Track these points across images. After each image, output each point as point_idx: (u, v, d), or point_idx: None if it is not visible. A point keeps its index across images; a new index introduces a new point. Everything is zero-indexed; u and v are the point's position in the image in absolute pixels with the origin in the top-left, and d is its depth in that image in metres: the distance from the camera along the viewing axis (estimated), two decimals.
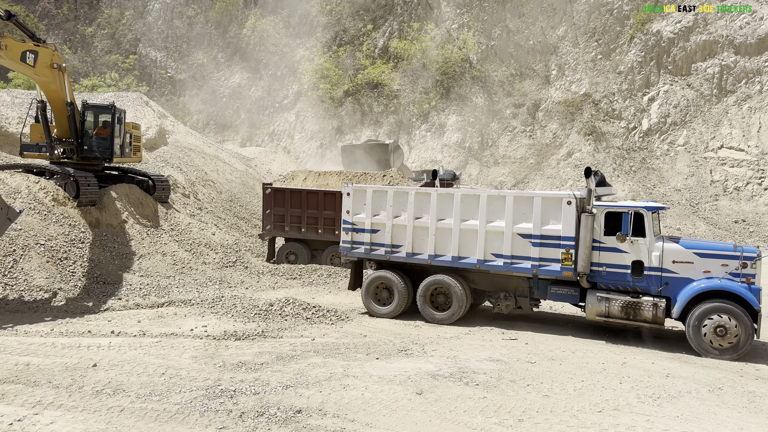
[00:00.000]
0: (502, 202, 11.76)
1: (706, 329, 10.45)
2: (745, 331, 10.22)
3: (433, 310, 12.49)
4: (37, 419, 7.01)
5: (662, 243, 10.96)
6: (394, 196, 12.73)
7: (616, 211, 11.20)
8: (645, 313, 10.89)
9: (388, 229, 12.76)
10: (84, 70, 52.46)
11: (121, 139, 18.75)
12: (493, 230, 11.81)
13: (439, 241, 12.32)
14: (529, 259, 11.54)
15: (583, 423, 7.45)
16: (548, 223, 11.40)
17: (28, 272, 13.32)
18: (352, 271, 13.76)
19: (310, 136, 46.95)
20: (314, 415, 7.40)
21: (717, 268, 10.59)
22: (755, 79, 35.79)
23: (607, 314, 11.17)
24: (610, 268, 11.18)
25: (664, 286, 10.88)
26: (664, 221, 31.63)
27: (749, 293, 10.22)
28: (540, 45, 42.64)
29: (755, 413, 8.06)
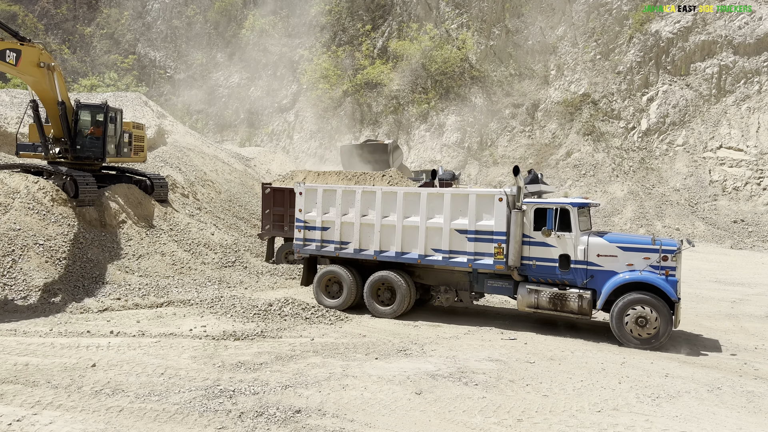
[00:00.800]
0: (440, 199, 12.22)
1: (627, 320, 10.90)
2: (664, 321, 10.67)
3: (379, 305, 12.89)
4: (36, 419, 7.01)
5: (587, 237, 11.36)
6: (342, 194, 13.21)
7: (543, 207, 11.62)
8: (571, 304, 11.33)
9: (337, 226, 13.22)
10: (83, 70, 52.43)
11: (117, 139, 18.64)
12: (433, 226, 12.27)
13: (384, 237, 12.77)
14: (465, 253, 12.02)
15: (582, 423, 7.45)
16: (482, 219, 11.87)
17: (27, 272, 13.31)
18: (305, 267, 14.16)
19: (309, 136, 46.94)
20: (313, 415, 7.40)
21: (639, 261, 11.00)
22: (754, 79, 35.82)
23: (537, 306, 11.62)
24: (539, 261, 11.63)
25: (589, 278, 11.29)
26: (662, 221, 31.64)
27: (667, 285, 10.67)
28: (539, 45, 42.66)
29: (754, 413, 8.06)
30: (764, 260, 24.98)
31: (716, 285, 18.73)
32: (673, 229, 30.89)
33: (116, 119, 18.62)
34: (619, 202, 33.59)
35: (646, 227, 31.19)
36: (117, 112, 18.78)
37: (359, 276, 13.24)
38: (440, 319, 12.95)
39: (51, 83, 16.29)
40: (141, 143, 20.61)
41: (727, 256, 25.86)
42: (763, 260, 24.95)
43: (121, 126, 18.90)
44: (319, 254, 13.60)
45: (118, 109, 19.03)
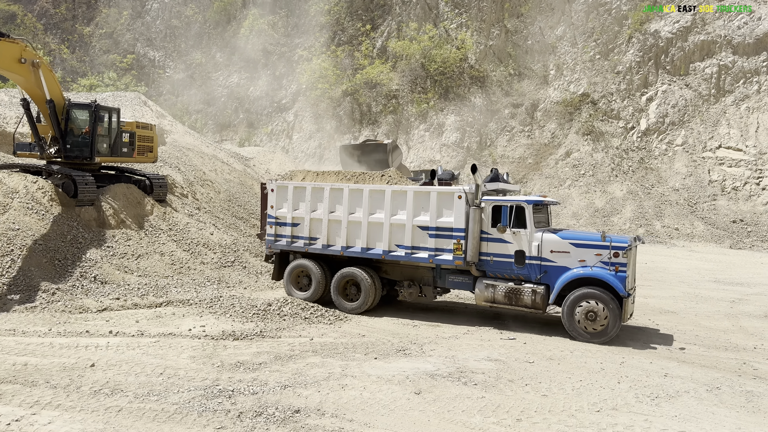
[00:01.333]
0: (404, 196, 12.54)
1: (578, 314, 11.19)
2: (612, 315, 10.93)
3: (345, 300, 13.19)
4: (35, 419, 7.00)
5: (541, 234, 11.66)
6: (311, 191, 13.55)
7: (500, 204, 11.92)
8: (525, 298, 11.63)
9: (306, 222, 13.58)
10: (82, 70, 52.40)
11: (111, 138, 18.31)
12: (397, 223, 12.59)
13: (350, 233, 13.10)
14: (427, 249, 12.33)
15: (582, 423, 7.45)
16: (442, 215, 12.19)
17: (26, 272, 13.30)
18: (276, 262, 14.37)
19: (308, 135, 46.93)
20: (312, 415, 7.40)
21: (591, 257, 11.25)
22: (753, 79, 35.84)
23: (493, 300, 11.93)
24: (496, 257, 11.94)
25: (543, 273, 11.60)
26: (661, 221, 31.65)
27: (616, 280, 10.92)
28: (538, 45, 42.66)
29: (753, 413, 8.07)
30: (763, 260, 24.99)
31: (715, 285, 18.74)
32: (672, 229, 30.90)
33: (108, 118, 18.25)
34: (619, 202, 33.60)
35: (646, 227, 31.20)
36: (112, 112, 18.49)
37: (328, 270, 13.52)
38: (439, 319, 12.96)
39: (37, 80, 16.02)
40: (149, 143, 20.22)
41: (726, 256, 25.88)
42: (762, 260, 24.97)
43: (118, 125, 18.69)
44: (289, 249, 13.89)
45: (113, 108, 18.75)
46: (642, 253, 26.13)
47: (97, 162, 18.19)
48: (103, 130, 18.17)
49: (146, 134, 20.33)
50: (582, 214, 33.17)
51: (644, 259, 24.10)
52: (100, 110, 17.86)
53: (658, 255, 25.56)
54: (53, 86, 16.84)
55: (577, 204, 34.47)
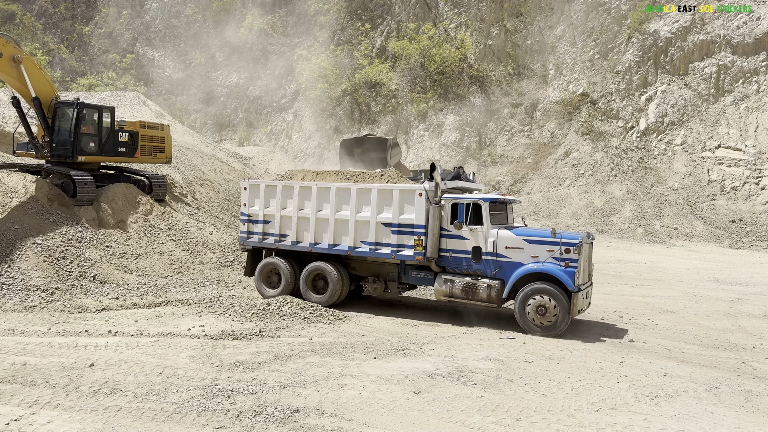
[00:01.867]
0: (368, 194, 12.85)
1: (529, 308, 11.50)
2: (562, 310, 11.22)
3: (314, 293, 13.47)
4: (34, 419, 7.00)
5: (497, 231, 11.97)
6: (282, 189, 13.89)
7: (458, 202, 12.26)
8: (481, 293, 11.94)
9: (276, 219, 13.89)
10: (81, 69, 52.36)
11: (102, 137, 17.95)
12: (361, 219, 12.90)
13: (318, 230, 13.43)
14: (389, 245, 12.62)
15: (581, 422, 7.46)
16: (404, 213, 12.49)
17: (25, 272, 13.29)
18: (248, 258, 14.71)
19: (308, 135, 46.92)
20: (312, 415, 7.40)
21: (544, 253, 11.55)
22: (752, 78, 35.86)
23: (451, 295, 12.23)
24: (455, 253, 12.27)
25: (498, 269, 11.92)
26: (661, 221, 31.66)
27: (565, 275, 11.20)
28: (538, 45, 42.66)
29: (752, 412, 8.07)
30: (762, 260, 25.01)
31: (714, 284, 18.75)
32: (671, 229, 30.92)
33: (99, 117, 17.92)
34: (618, 202, 33.61)
35: (645, 227, 31.22)
36: (103, 110, 18.16)
37: (297, 267, 13.80)
38: (439, 319, 12.96)
39: (20, 77, 15.86)
40: (159, 144, 19.93)
41: (726, 256, 25.89)
42: (761, 260, 24.98)
43: (111, 124, 18.32)
44: (261, 246, 14.24)
45: (105, 107, 18.45)
46: (641, 252, 26.15)
47: (80, 161, 17.59)
48: (90, 128, 17.74)
49: (155, 134, 19.96)
50: (581, 214, 33.19)
51: (643, 258, 24.12)
52: (85, 108, 17.48)
53: (658, 255, 25.57)
54: (40, 83, 16.58)
55: (577, 204, 34.48)
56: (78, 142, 17.37)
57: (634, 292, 17.06)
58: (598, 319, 13.57)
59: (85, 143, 17.70)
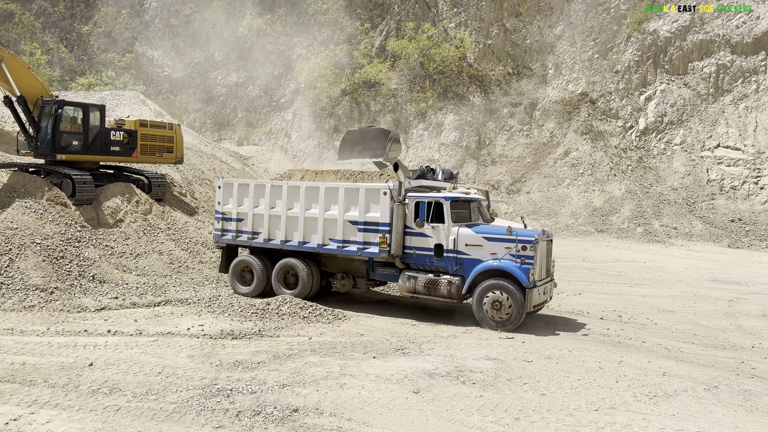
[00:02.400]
0: (336, 192, 13.18)
1: (485, 304, 11.83)
2: (516, 305, 11.55)
3: (285, 288, 13.82)
4: (33, 418, 7.00)
5: (458, 229, 12.27)
6: (254, 188, 14.23)
7: (420, 200, 12.58)
8: (442, 289, 12.24)
9: (249, 217, 14.24)
10: (80, 69, 52.32)
11: (87, 136, 17.70)
12: (330, 218, 13.23)
13: (289, 227, 13.76)
14: (356, 243, 12.94)
15: (580, 422, 7.46)
16: (370, 211, 12.80)
17: (24, 271, 13.28)
18: (223, 255, 15.09)
19: (307, 134, 46.90)
20: (311, 414, 7.40)
21: (501, 250, 11.89)
22: (752, 78, 35.87)
23: (414, 291, 12.56)
24: (418, 250, 12.62)
25: (459, 266, 12.26)
26: (660, 220, 31.67)
27: (520, 272, 11.52)
28: (537, 44, 42.65)
29: (751, 412, 8.08)
30: (761, 259, 25.02)
31: (713, 284, 18.77)
32: (670, 228, 30.93)
33: (84, 115, 17.74)
34: (617, 201, 33.62)
35: (644, 226, 31.23)
36: (89, 108, 17.96)
37: (270, 264, 14.13)
38: (438, 319, 12.97)
39: (2, 75, 15.82)
40: (167, 144, 19.73)
41: (725, 255, 25.91)
42: (760, 259, 25.00)
43: (101, 123, 18.11)
44: (234, 243, 14.60)
45: (92, 105, 18.23)
46: (640, 252, 26.16)
47: (61, 159, 17.43)
48: (73, 126, 17.59)
49: (160, 134, 19.75)
50: (580, 213, 33.21)
51: (643, 258, 24.13)
52: (65, 106, 17.33)
53: (657, 254, 25.58)
54: (25, 81, 16.50)
55: (576, 203, 34.49)
56: (57, 140, 17.20)
57: (633, 291, 17.07)
58: (598, 318, 13.58)
59: (67, 141, 17.49)
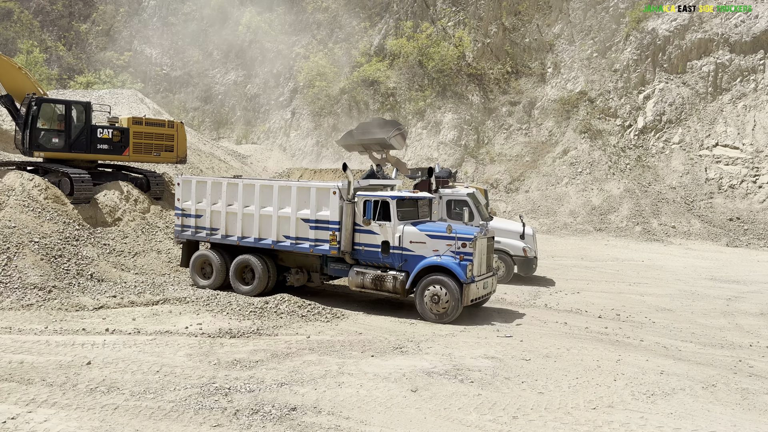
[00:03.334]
0: (289, 191, 13.59)
1: (426, 298, 12.34)
2: (453, 299, 12.09)
3: (242, 284, 14.18)
4: (31, 417, 7.00)
5: (403, 226, 12.79)
6: (212, 185, 14.60)
7: (368, 199, 13.04)
8: (388, 284, 12.73)
9: (207, 214, 14.61)
10: (79, 67, 52.24)
11: (71, 133, 17.55)
12: (283, 215, 13.62)
13: (245, 224, 14.14)
14: (308, 240, 13.39)
15: (578, 420, 7.47)
16: (321, 209, 13.23)
17: (22, 270, 13.27)
18: (183, 250, 15.44)
19: (306, 133, 46.88)
20: (309, 413, 7.40)
21: (443, 247, 12.43)
22: (750, 77, 35.88)
23: (362, 285, 13.04)
24: (367, 247, 13.06)
25: (404, 262, 12.76)
26: (658, 219, 31.69)
27: (458, 268, 12.08)
28: (536, 43, 42.66)
29: (748, 410, 8.09)
30: (759, 258, 25.05)
31: (711, 283, 18.79)
32: (669, 227, 30.96)
33: (66, 112, 17.55)
34: (616, 200, 33.64)
35: (642, 225, 31.25)
36: (71, 106, 17.78)
37: (229, 258, 14.48)
38: None
39: None
40: (167, 142, 19.55)
41: (723, 254, 25.94)
42: (758, 258, 25.03)
43: (86, 120, 17.92)
44: (194, 239, 15.00)
45: (75, 102, 18.08)
46: (639, 250, 26.17)
47: (39, 157, 17.40)
48: (53, 123, 17.44)
49: (158, 131, 19.52)
50: (579, 212, 33.23)
51: (641, 256, 24.15)
52: (42, 103, 17.21)
53: (655, 253, 25.61)
54: (12, 80, 16.46)
55: (575, 202, 34.50)
56: (33, 137, 17.10)
57: (632, 290, 17.09)
58: (596, 316, 13.60)
59: (45, 139, 17.37)
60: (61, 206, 16.22)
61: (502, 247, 17.13)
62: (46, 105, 17.45)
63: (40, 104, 17.15)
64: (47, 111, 17.47)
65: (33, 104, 17.07)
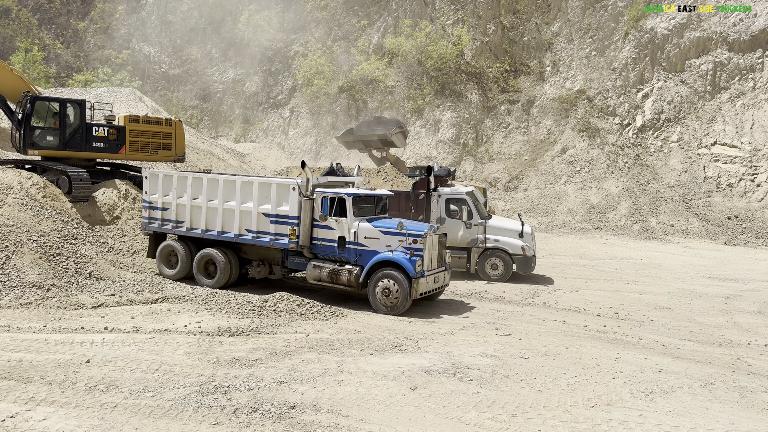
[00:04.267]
0: (251, 186, 13.95)
1: (378, 291, 12.81)
2: (403, 292, 12.56)
3: (205, 277, 14.60)
4: (30, 415, 6.99)
5: (358, 222, 13.22)
6: (177, 179, 14.95)
7: (326, 196, 13.40)
8: (343, 278, 13.17)
9: (173, 207, 15.01)
10: (77, 65, 52.13)
11: (65, 132, 17.46)
12: (245, 210, 14.03)
13: (209, 218, 14.53)
14: (269, 234, 13.78)
15: (576, 418, 7.48)
16: (281, 205, 13.63)
17: (21, 268, 13.25)
18: (150, 242, 15.77)
19: (304, 132, 46.85)
20: (308, 411, 7.41)
21: (395, 242, 12.93)
22: (748, 75, 35.91)
23: (319, 279, 13.48)
24: (324, 242, 13.51)
25: (359, 256, 13.22)
26: (657, 217, 31.72)
27: (407, 263, 12.56)
28: (535, 41, 42.65)
29: (747, 408, 8.11)
30: (758, 256, 25.09)
31: (710, 281, 18.82)
32: (667, 225, 30.99)
33: (61, 111, 17.48)
34: (614, 199, 33.67)
35: (641, 223, 31.28)
36: (66, 104, 17.71)
37: (195, 249, 14.88)
38: (435, 315, 12.99)
39: None
40: (165, 141, 19.45)
41: (721, 252, 25.97)
42: (756, 256, 25.07)
43: (81, 119, 17.82)
44: (160, 231, 15.40)
45: (69, 100, 18.04)
46: (637, 249, 26.21)
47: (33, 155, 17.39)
48: (48, 122, 17.43)
49: (155, 130, 19.40)
50: (578, 211, 33.25)
51: (639, 255, 24.18)
52: (37, 101, 17.18)
53: (653, 251, 25.64)
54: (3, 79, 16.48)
55: (573, 200, 34.52)
56: (28, 136, 17.07)
57: (630, 288, 17.11)
58: (594, 315, 13.61)
59: (40, 137, 17.32)
60: (59, 204, 16.20)
61: (500, 245, 17.15)
62: (41, 103, 17.38)
63: (34, 102, 17.08)
64: (42, 109, 17.38)
65: (27, 102, 17.02)
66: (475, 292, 15.52)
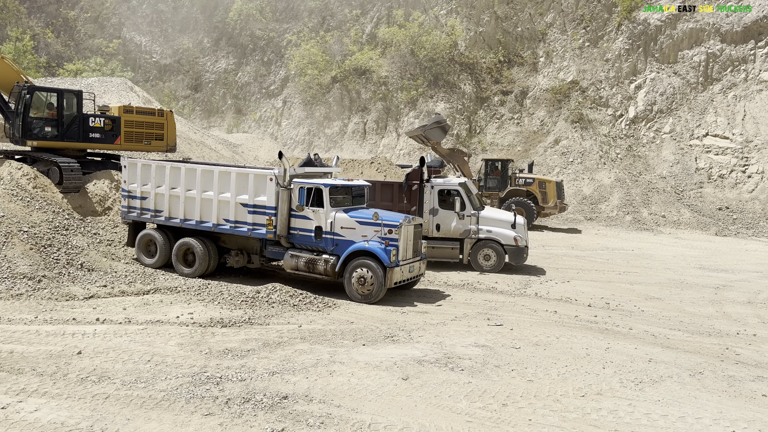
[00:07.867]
0: (228, 176, 13.99)
1: (353, 280, 12.99)
2: (377, 281, 12.74)
3: (184, 266, 14.59)
4: (21, 407, 6.98)
5: (335, 213, 13.34)
6: (156, 169, 14.91)
7: (303, 186, 13.49)
8: (320, 267, 13.29)
9: (152, 196, 14.99)
10: (68, 55, 51.64)
11: (63, 122, 17.41)
12: (223, 200, 14.08)
13: (187, 207, 14.54)
14: (246, 224, 13.85)
15: (567, 407, 7.55)
16: (259, 195, 13.67)
17: (11, 259, 13.18)
18: (129, 230, 15.77)
19: (297, 122, 46.68)
20: (300, 401, 7.44)
21: (371, 233, 13.06)
22: (741, 67, 36.02)
23: (296, 268, 13.60)
24: (302, 232, 13.63)
25: (335, 246, 13.34)
26: (648, 208, 31.89)
27: (382, 252, 12.72)
28: (528, 32, 42.58)
29: (735, 397, 8.21)
30: (748, 247, 25.29)
31: (700, 271, 18.96)
32: (659, 216, 31.16)
33: (59, 101, 17.42)
34: (606, 190, 33.80)
35: (633, 214, 31.44)
36: (63, 95, 17.65)
37: (174, 238, 14.87)
38: (428, 306, 13.03)
39: None
40: (157, 131, 19.42)
41: (712, 243, 26.16)
42: (746, 247, 25.27)
43: (78, 109, 17.81)
44: (139, 220, 15.39)
45: (67, 91, 17.94)
46: (629, 240, 26.35)
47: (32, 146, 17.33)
48: (45, 112, 17.36)
49: (148, 120, 19.37)
50: (570, 202, 33.36)
51: (631, 246, 24.32)
52: (36, 91, 17.09)
53: (645, 242, 25.79)
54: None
55: (566, 191, 34.65)
56: (27, 126, 16.98)
57: (621, 279, 17.22)
58: (586, 305, 13.70)
59: (38, 128, 17.24)
60: (50, 195, 16.09)
61: (493, 236, 17.19)
62: (39, 93, 17.26)
63: (32, 93, 16.95)
64: (39, 99, 17.30)
65: (25, 93, 16.88)
66: (467, 282, 15.58)
